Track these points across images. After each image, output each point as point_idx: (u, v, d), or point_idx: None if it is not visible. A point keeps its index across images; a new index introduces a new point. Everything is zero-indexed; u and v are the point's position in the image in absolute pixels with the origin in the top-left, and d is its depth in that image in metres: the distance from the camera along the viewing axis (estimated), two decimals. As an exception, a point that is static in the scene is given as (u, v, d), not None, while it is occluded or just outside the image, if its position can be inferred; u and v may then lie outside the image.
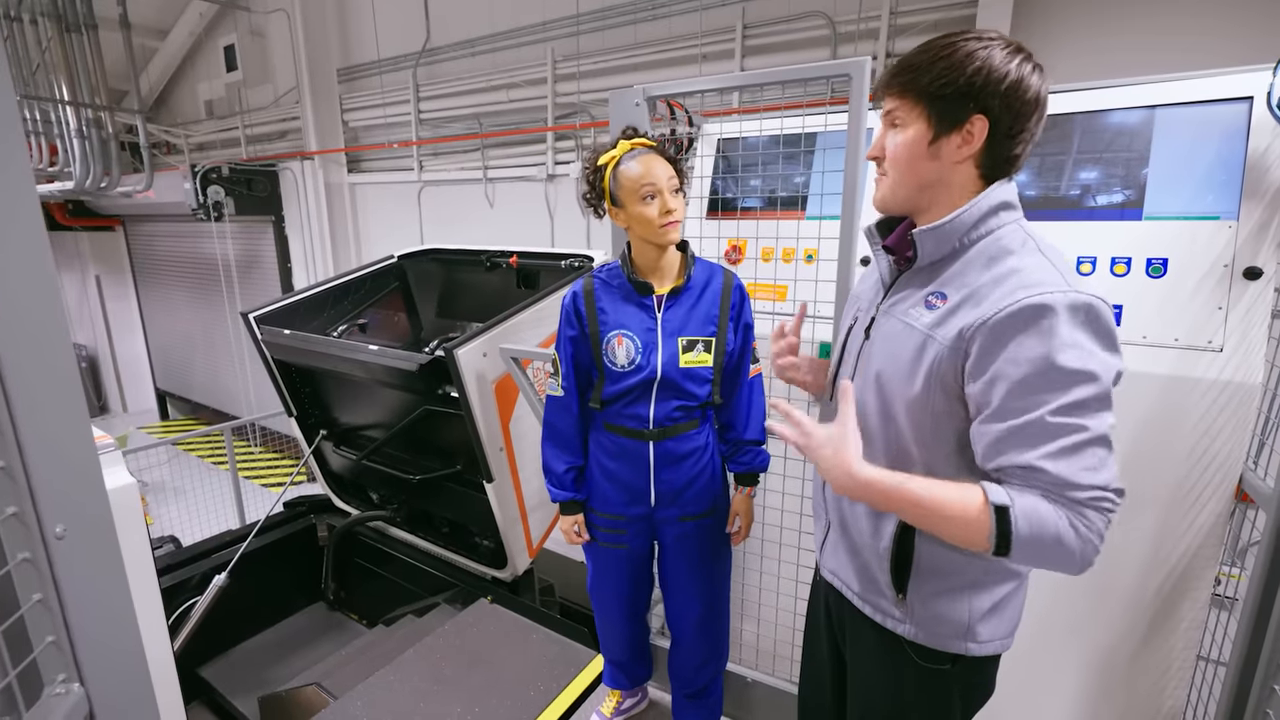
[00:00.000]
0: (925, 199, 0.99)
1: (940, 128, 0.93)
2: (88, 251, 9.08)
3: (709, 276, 1.60)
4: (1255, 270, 1.39)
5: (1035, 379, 0.86)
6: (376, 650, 2.76)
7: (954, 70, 0.90)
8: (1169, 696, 1.54)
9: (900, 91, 0.95)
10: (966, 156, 0.94)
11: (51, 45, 5.89)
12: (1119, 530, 1.52)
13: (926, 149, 0.95)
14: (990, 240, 0.95)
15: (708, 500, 1.68)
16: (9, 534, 0.71)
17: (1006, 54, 0.89)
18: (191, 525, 5.08)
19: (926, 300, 0.99)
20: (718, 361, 1.58)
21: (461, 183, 5.53)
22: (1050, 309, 0.85)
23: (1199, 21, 2.73)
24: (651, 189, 1.46)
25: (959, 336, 0.91)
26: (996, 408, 0.89)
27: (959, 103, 0.90)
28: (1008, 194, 0.96)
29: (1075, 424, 0.85)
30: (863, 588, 1.13)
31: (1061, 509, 0.85)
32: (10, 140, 0.68)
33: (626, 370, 1.56)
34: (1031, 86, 0.90)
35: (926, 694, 1.10)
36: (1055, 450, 0.85)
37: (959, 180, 0.96)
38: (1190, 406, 1.44)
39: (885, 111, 0.99)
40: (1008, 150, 0.94)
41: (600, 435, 1.68)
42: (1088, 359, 0.85)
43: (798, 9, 3.68)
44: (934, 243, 0.98)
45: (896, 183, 0.99)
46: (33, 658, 0.73)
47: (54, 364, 0.74)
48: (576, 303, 1.60)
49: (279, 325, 3.04)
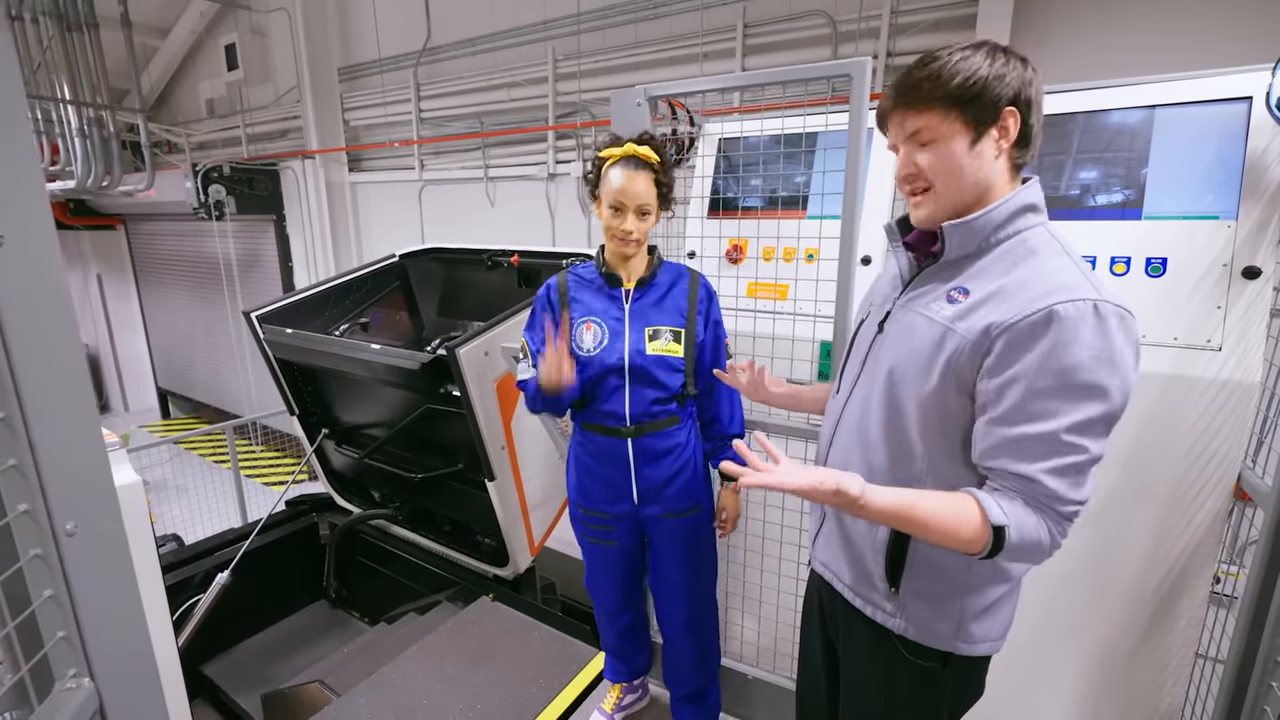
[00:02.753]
0: (971, 202, 0.98)
1: (979, 127, 0.93)
2: (89, 250, 9.09)
3: (675, 276, 1.67)
4: (1254, 270, 1.40)
5: (1052, 389, 0.87)
6: (379, 648, 2.77)
7: (975, 72, 0.91)
8: (1167, 694, 1.55)
9: (926, 105, 0.95)
10: (1004, 150, 0.95)
11: (53, 44, 5.89)
12: (1118, 528, 1.53)
13: (969, 150, 0.95)
14: (1016, 241, 0.96)
15: (690, 497, 1.70)
16: (21, 531, 0.72)
17: (999, 54, 0.94)
18: (194, 524, 5.09)
19: (949, 295, 0.99)
20: (688, 352, 1.62)
21: (462, 182, 5.53)
22: (1078, 316, 0.86)
23: (1198, 21, 2.73)
24: (619, 204, 1.52)
25: (984, 333, 0.92)
26: (1006, 411, 0.90)
27: (990, 99, 0.92)
28: (1034, 196, 0.98)
29: (1080, 444, 0.88)
30: (855, 579, 1.14)
31: (1044, 519, 0.90)
32: (21, 144, 0.68)
33: (593, 354, 1.60)
34: (1037, 83, 0.94)
35: (918, 692, 1.11)
36: (1056, 467, 0.88)
37: (999, 176, 0.97)
38: (1189, 405, 1.45)
39: (911, 134, 0.98)
40: (1029, 140, 0.97)
41: (580, 435, 1.71)
42: (1106, 374, 0.86)
43: (798, 8, 3.68)
44: (962, 238, 0.98)
45: (946, 193, 0.98)
46: (44, 652, 0.74)
47: (64, 364, 0.74)
48: (550, 293, 1.68)
49: (281, 324, 3.05)
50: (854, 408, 1.12)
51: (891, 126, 1.01)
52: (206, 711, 3.13)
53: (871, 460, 1.07)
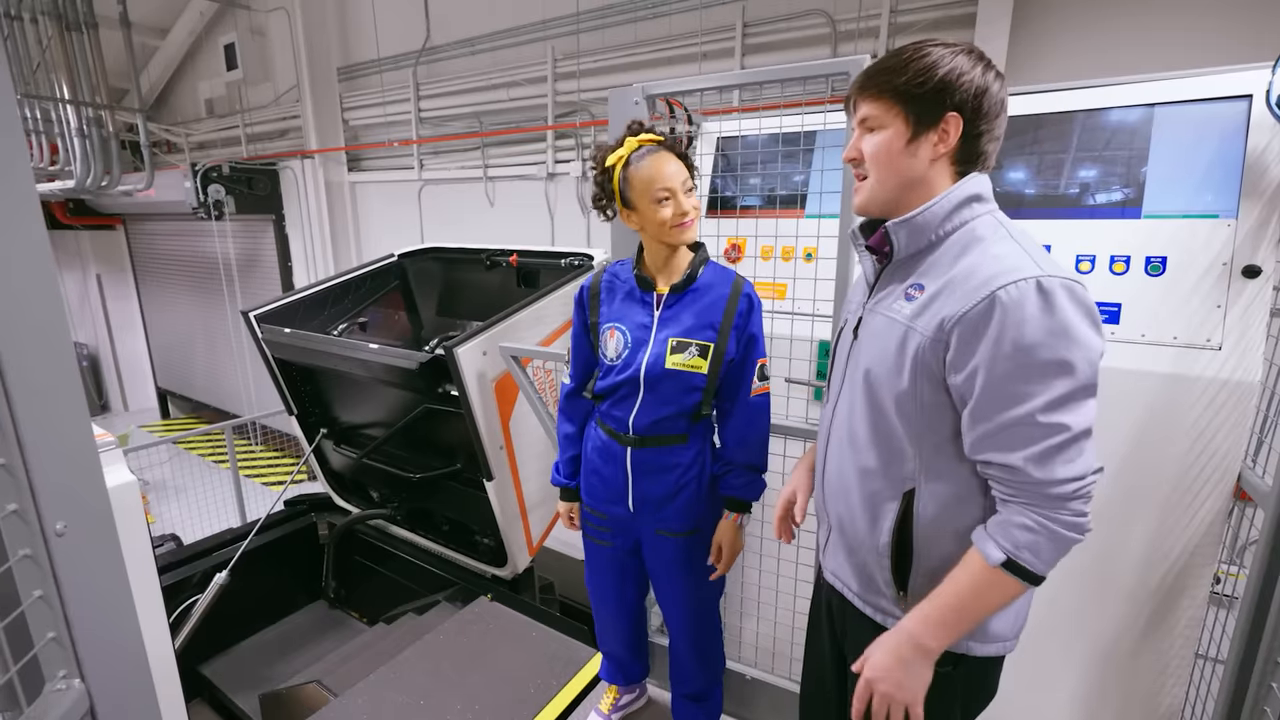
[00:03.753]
0: (906, 198, 1.00)
1: (918, 126, 0.96)
2: (89, 250, 9.08)
3: (718, 280, 1.52)
4: (1254, 268, 1.39)
5: (1014, 373, 0.87)
6: (377, 648, 2.77)
7: (928, 71, 0.94)
8: (1167, 694, 1.55)
9: (876, 94, 0.98)
10: (943, 154, 0.97)
11: (52, 44, 5.89)
12: (1118, 528, 1.52)
13: (905, 147, 0.97)
14: (964, 231, 0.98)
15: (690, 519, 1.60)
16: (10, 531, 0.71)
17: (971, 59, 0.95)
18: (192, 523, 5.09)
19: (906, 293, 1.01)
20: (714, 370, 1.48)
21: (461, 181, 5.53)
22: (1020, 297, 0.86)
23: (1198, 19, 2.72)
24: (665, 192, 1.42)
25: (939, 328, 0.93)
26: (978, 403, 0.91)
27: (934, 101, 0.94)
28: (978, 186, 0.99)
29: (1057, 423, 0.87)
30: (862, 587, 1.13)
31: (1038, 513, 0.90)
32: (11, 140, 0.68)
33: (614, 364, 1.55)
34: (995, 91, 0.95)
35: (931, 698, 1.10)
36: (1038, 453, 0.88)
37: (937, 178, 0.99)
38: (1189, 405, 1.44)
39: (860, 119, 1.02)
40: (978, 148, 0.98)
41: (592, 429, 1.67)
42: (1064, 347, 0.86)
43: (798, 7, 3.68)
44: (908, 234, 1.00)
45: (878, 183, 1.01)
46: (34, 654, 0.74)
47: (54, 362, 0.74)
48: (583, 295, 1.64)
49: (280, 324, 3.05)
50: (841, 415, 1.13)
51: (852, 109, 1.04)
52: (204, 712, 3.13)
53: (863, 464, 1.07)
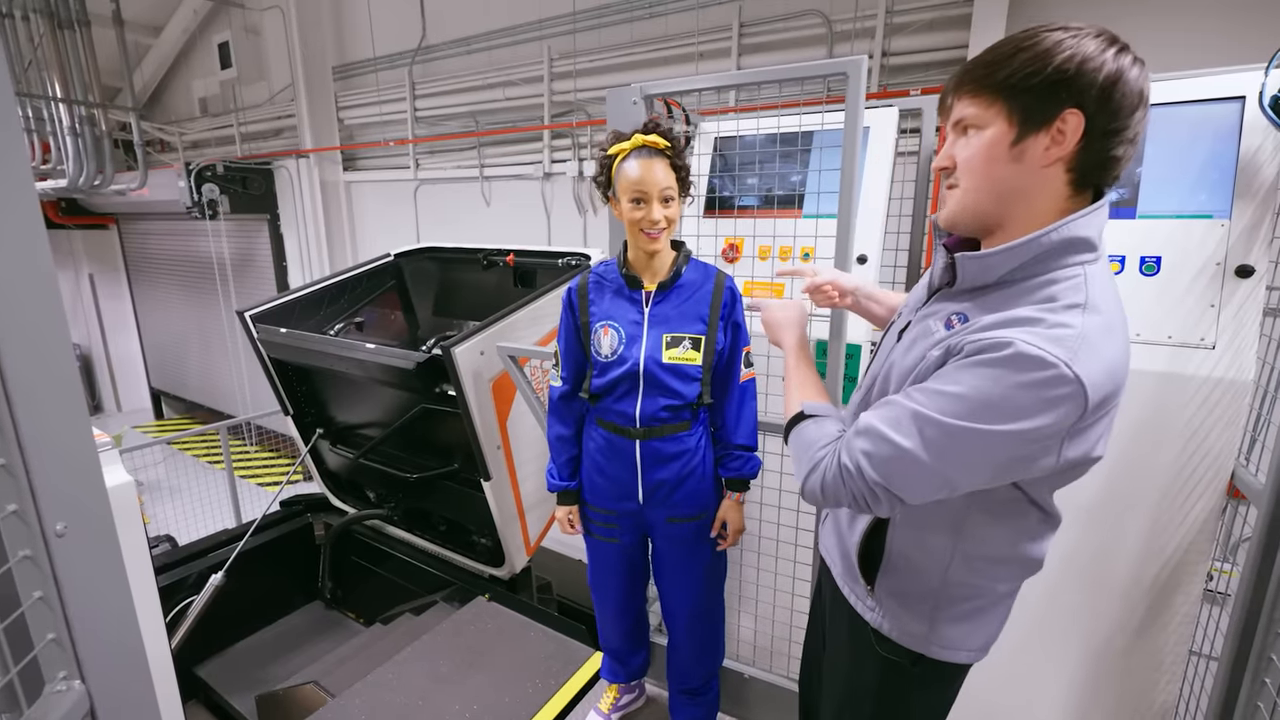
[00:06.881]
0: (1002, 213, 0.85)
1: (1025, 126, 0.79)
2: (81, 250, 9.03)
3: (701, 277, 1.60)
4: (1247, 268, 1.41)
5: (926, 386, 0.83)
6: (374, 648, 2.76)
7: (1039, 60, 0.77)
8: (1161, 691, 1.56)
9: (974, 91, 0.82)
10: (1056, 159, 0.80)
11: (44, 42, 5.86)
12: (1112, 525, 1.53)
13: (1008, 151, 0.81)
14: (1043, 280, 0.82)
15: (698, 504, 1.67)
16: (10, 531, 0.71)
17: (1101, 43, 0.77)
18: (187, 524, 5.07)
19: (948, 319, 0.89)
20: (707, 360, 1.57)
21: (458, 181, 5.52)
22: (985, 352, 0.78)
23: (1196, 21, 2.74)
24: (640, 194, 1.47)
25: (946, 353, 0.86)
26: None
27: (1047, 95, 0.77)
28: (1088, 228, 0.81)
29: (910, 407, 0.84)
30: (843, 570, 1.15)
31: (838, 451, 0.92)
32: (10, 138, 0.68)
33: (610, 360, 1.58)
34: (1133, 79, 0.77)
35: (885, 686, 1.10)
36: (876, 421, 0.87)
37: (1046, 189, 0.82)
38: (1183, 403, 1.45)
39: (954, 121, 0.86)
40: (1105, 151, 0.79)
41: (592, 429, 1.69)
42: (978, 412, 0.77)
43: (794, 7, 3.69)
44: (980, 271, 0.86)
45: (969, 192, 0.86)
46: (34, 655, 0.74)
47: (54, 362, 0.74)
48: (571, 296, 1.66)
49: (275, 324, 3.04)
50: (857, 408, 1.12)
51: (946, 109, 0.89)
52: (201, 713, 3.11)
53: None
